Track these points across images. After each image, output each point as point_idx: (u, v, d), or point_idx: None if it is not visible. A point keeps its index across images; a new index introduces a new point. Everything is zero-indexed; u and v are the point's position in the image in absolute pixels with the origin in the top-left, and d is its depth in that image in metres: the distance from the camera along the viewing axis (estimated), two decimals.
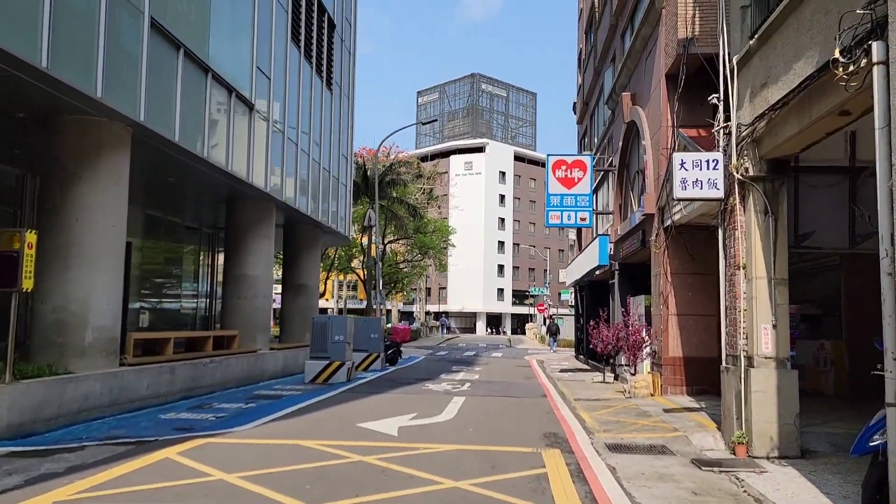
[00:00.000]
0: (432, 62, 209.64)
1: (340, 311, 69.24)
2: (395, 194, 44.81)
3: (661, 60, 13.99)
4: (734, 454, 8.13)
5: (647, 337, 14.61)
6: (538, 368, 23.17)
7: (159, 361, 11.67)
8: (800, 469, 7.33)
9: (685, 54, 12.24)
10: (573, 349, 35.55)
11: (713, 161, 8.83)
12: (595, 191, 21.52)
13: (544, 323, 50.06)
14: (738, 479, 6.97)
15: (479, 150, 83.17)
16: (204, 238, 21.22)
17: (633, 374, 14.65)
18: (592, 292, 25.26)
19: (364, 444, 8.34)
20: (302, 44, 18.68)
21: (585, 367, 24.38)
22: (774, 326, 8.14)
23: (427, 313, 75.30)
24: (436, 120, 23.87)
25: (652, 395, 13.52)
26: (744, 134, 8.40)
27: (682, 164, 8.87)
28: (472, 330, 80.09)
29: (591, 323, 18.51)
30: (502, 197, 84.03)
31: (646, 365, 15.05)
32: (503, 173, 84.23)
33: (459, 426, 9.95)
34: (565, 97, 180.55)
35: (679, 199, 9.13)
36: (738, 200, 8.55)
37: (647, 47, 15.49)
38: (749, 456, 8.00)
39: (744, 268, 8.47)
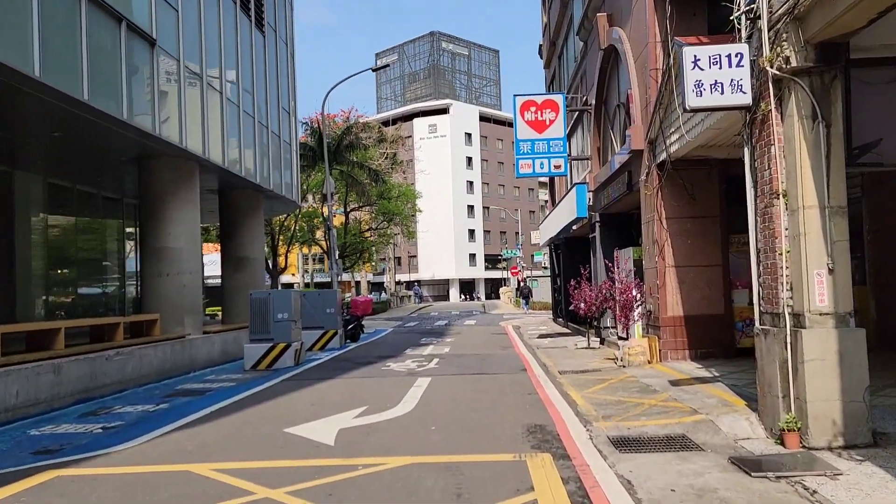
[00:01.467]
0: (391, 28, 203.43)
1: (307, 286, 66.61)
2: (354, 159, 42.11)
3: None
4: (782, 444, 6.05)
5: (639, 295, 12.52)
6: (515, 335, 21.15)
7: (35, 360, 9.19)
8: (885, 466, 5.27)
9: None
10: (550, 312, 33.69)
11: (736, 55, 6.56)
12: (568, 136, 19.22)
13: (518, 286, 48.24)
14: (806, 489, 4.88)
15: (443, 111, 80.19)
16: (129, 210, 18.47)
17: (626, 339, 12.60)
18: (570, 250, 23.19)
19: (283, 464, 6.08)
20: None
21: (566, 330, 22.44)
22: (831, 271, 6.01)
23: (398, 283, 73.05)
24: (389, 66, 21.13)
25: (650, 363, 11.48)
26: (780, 11, 6.14)
27: (696, 61, 6.59)
28: (446, 297, 78.15)
29: (572, 282, 16.46)
30: (469, 159, 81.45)
31: (638, 327, 13.00)
32: (469, 135, 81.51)
33: (419, 423, 7.74)
34: (529, 54, 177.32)
35: (693, 110, 6.89)
36: (774, 105, 6.33)
37: None
38: (804, 447, 5.94)
39: (784, 195, 6.29)
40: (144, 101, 12.30)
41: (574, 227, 20.28)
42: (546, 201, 69.74)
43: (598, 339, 16.35)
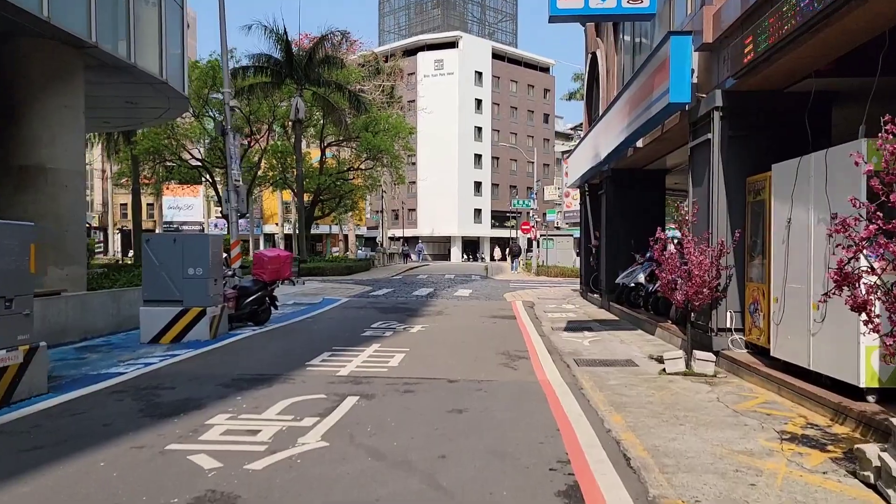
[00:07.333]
0: None
1: (287, 238, 57.90)
2: (333, 79, 33.10)
3: None
4: None
5: None
6: (528, 323, 12.57)
7: None
8: None
9: None
10: (572, 280, 25.15)
11: None
12: None
13: (529, 247, 39.55)
14: None
15: (452, 44, 70.18)
16: None
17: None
18: (621, 189, 14.44)
19: None
20: None
21: (609, 316, 13.85)
22: None
23: (392, 238, 64.55)
24: None
25: None
26: None
27: None
28: (447, 257, 69.49)
29: (659, 236, 7.89)
30: (479, 102, 71.67)
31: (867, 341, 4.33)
32: (480, 74, 71.58)
33: None
34: None
35: None
36: None
37: None
38: None
39: None
40: None
41: (639, 144, 11.59)
42: (565, 153, 59.80)
43: (712, 354, 7.74)
